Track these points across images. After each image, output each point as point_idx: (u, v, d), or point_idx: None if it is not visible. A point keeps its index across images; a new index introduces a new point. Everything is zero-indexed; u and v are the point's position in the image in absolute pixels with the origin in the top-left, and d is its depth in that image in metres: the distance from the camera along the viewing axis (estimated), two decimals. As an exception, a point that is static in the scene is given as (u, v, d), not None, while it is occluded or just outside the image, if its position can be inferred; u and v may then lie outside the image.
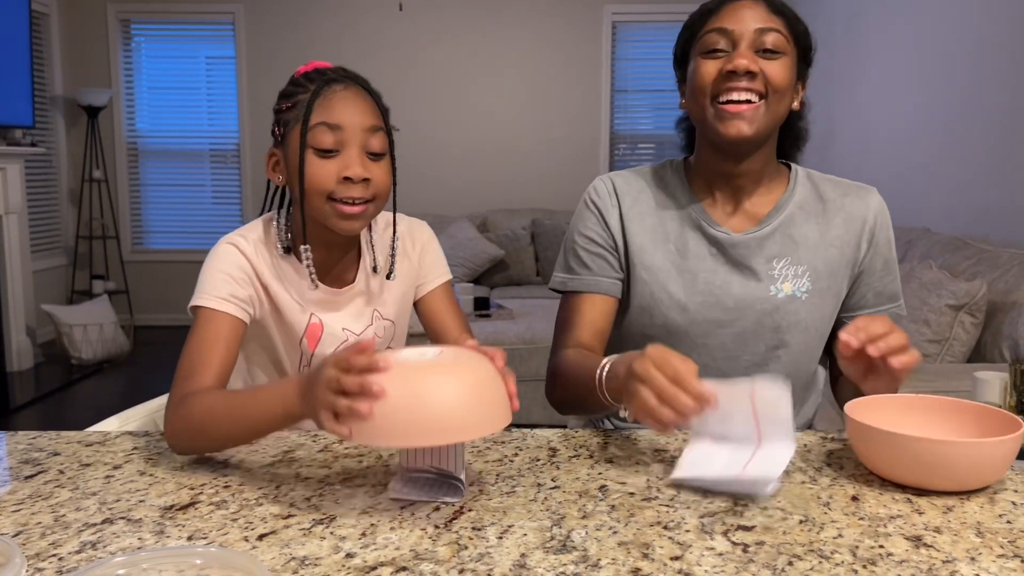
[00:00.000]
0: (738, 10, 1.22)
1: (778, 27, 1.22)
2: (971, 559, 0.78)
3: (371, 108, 1.19)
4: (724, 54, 1.22)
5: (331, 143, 1.15)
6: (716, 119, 1.22)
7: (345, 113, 1.16)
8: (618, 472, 1.01)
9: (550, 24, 6.24)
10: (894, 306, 1.33)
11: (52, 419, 4.13)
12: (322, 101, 1.16)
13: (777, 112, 1.23)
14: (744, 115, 1.20)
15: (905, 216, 3.77)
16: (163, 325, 6.36)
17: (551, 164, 6.31)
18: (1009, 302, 2.49)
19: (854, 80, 4.57)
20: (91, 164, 6.00)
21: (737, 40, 1.21)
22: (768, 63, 1.20)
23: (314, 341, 1.27)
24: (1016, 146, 3.04)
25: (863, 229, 1.31)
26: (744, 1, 1.23)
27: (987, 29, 3.26)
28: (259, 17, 6.21)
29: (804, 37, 1.26)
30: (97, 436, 1.16)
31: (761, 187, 1.31)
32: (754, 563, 0.77)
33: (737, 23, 1.21)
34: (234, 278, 1.18)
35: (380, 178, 1.19)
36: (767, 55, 1.21)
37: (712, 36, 1.23)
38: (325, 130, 1.15)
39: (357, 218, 1.19)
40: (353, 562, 0.77)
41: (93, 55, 6.19)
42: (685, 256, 1.31)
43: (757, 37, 1.21)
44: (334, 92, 1.16)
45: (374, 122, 1.18)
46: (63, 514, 0.89)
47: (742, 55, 1.20)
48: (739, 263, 1.29)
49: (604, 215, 1.35)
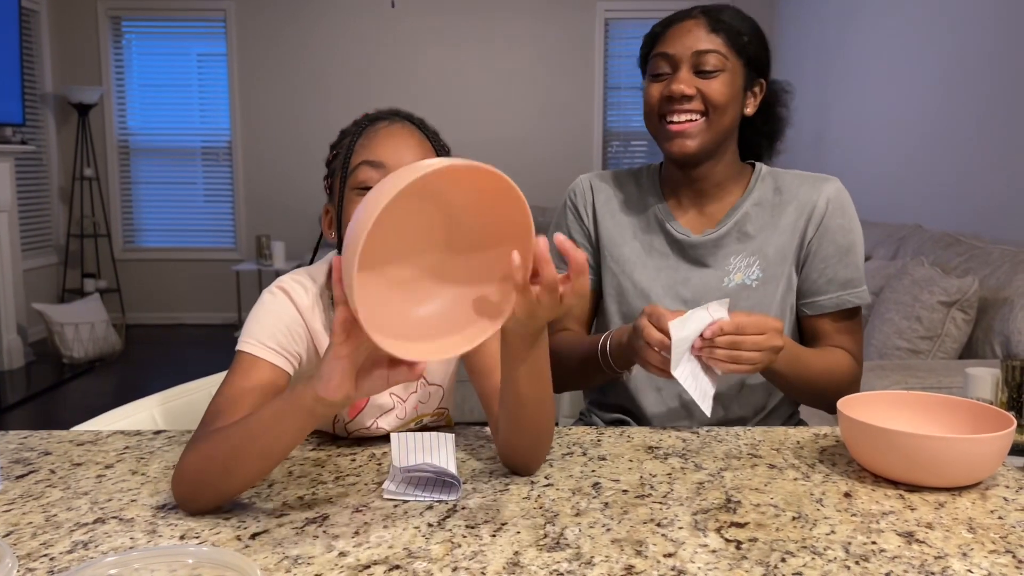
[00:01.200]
0: (679, 33, 1.30)
1: (715, 47, 1.28)
2: (963, 555, 0.78)
3: (419, 143, 1.08)
4: (667, 76, 1.30)
5: (373, 181, 1.04)
6: (663, 138, 1.32)
7: (388, 148, 1.06)
8: (611, 469, 1.01)
9: (543, 21, 6.23)
10: (845, 293, 1.34)
11: (43, 418, 4.11)
12: (364, 140, 1.08)
13: (721, 125, 1.30)
14: (686, 132, 1.28)
15: (897, 213, 3.78)
16: (155, 324, 6.34)
17: (544, 161, 6.31)
18: (1000, 298, 2.50)
19: (847, 78, 4.58)
20: (82, 162, 5.98)
21: (677, 64, 1.29)
22: (706, 82, 1.28)
23: (356, 409, 1.15)
24: (1008, 143, 3.05)
25: (812, 213, 1.34)
26: (686, 23, 1.31)
27: (979, 27, 3.27)
28: (251, 14, 6.19)
29: (748, 47, 1.31)
30: (89, 435, 1.15)
31: (722, 191, 1.38)
32: (747, 560, 0.77)
33: (677, 47, 1.29)
34: (289, 329, 1.06)
35: None
36: (705, 76, 1.28)
37: (656, 61, 1.32)
38: (367, 168, 1.05)
39: None
40: (346, 561, 0.77)
41: (84, 52, 6.16)
42: (650, 253, 1.40)
43: (695, 59, 1.28)
44: (377, 130, 1.08)
45: (420, 157, 1.04)
46: (54, 514, 0.88)
47: (679, 80, 1.28)
48: (697, 261, 1.37)
49: (580, 211, 1.45)
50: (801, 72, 5.26)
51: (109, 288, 6.15)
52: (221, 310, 6.34)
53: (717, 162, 1.35)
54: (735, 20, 1.31)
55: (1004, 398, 1.56)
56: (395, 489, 0.93)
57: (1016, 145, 2.99)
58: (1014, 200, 3.00)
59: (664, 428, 1.20)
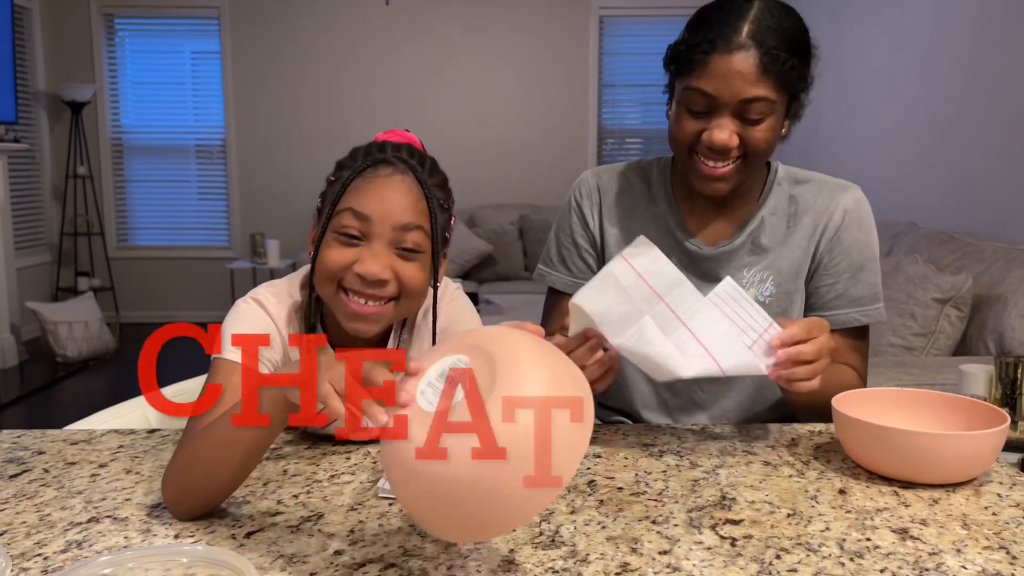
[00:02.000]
0: (724, 71, 1.12)
1: (765, 93, 1.13)
2: (957, 551, 0.78)
3: (414, 203, 1.02)
4: (704, 116, 1.16)
5: (355, 230, 1.00)
6: (692, 172, 1.21)
7: (378, 203, 1.00)
8: (606, 467, 1.01)
9: (537, 18, 6.23)
10: (855, 311, 1.28)
11: (37, 417, 4.10)
12: (360, 184, 1.02)
13: (756, 164, 1.21)
14: (723, 177, 1.19)
15: (891, 210, 3.79)
16: (149, 322, 6.32)
17: (539, 159, 6.30)
18: (994, 295, 2.51)
19: (840, 76, 4.58)
20: (75, 160, 5.95)
21: (718, 108, 1.14)
22: (751, 129, 1.16)
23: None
24: (1002, 141, 3.06)
25: (827, 226, 1.28)
26: (735, 57, 1.12)
27: (973, 26, 3.28)
28: (244, 11, 6.17)
29: (799, 82, 1.18)
30: (82, 434, 1.15)
31: (740, 198, 1.30)
32: (742, 557, 0.77)
33: (722, 89, 1.13)
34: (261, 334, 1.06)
35: (410, 277, 1.02)
36: (749, 123, 1.15)
37: (694, 96, 1.16)
38: (351, 216, 1.00)
39: (368, 319, 1.03)
40: (341, 559, 0.77)
41: (76, 50, 6.14)
42: None
43: (740, 107, 1.14)
44: (376, 177, 1.02)
45: (410, 219, 1.01)
46: (48, 513, 0.88)
47: (722, 127, 1.14)
48: (708, 275, 1.29)
49: (585, 213, 1.38)
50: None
51: (103, 287, 6.13)
52: (215, 308, 6.33)
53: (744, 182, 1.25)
54: (783, 40, 1.14)
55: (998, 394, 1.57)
56: (390, 488, 0.92)
57: (1010, 143, 3.00)
58: (1008, 198, 3.01)
59: (659, 426, 1.20)
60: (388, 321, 1.06)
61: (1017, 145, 2.95)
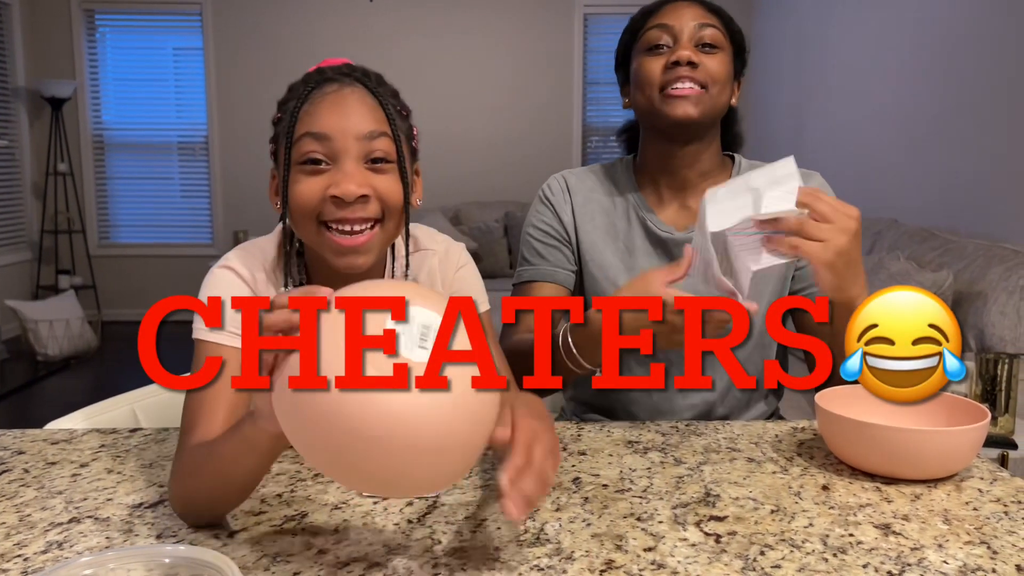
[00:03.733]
0: (677, 8, 1.31)
1: (715, 24, 1.30)
2: (938, 546, 0.79)
3: (371, 111, 0.96)
4: (667, 49, 1.29)
5: (319, 154, 0.94)
6: (663, 104, 1.28)
7: (333, 118, 0.94)
8: (591, 464, 1.02)
9: (522, 16, 6.22)
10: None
11: (17, 417, 4.06)
12: (309, 108, 0.95)
13: (718, 102, 1.29)
14: (690, 98, 1.26)
15: (873, 208, 3.81)
16: (131, 320, 6.26)
17: (523, 157, 6.30)
18: (975, 292, 2.53)
19: (823, 73, 4.61)
20: (56, 157, 5.89)
21: (678, 34, 1.28)
22: (708, 57, 1.28)
23: None
24: (983, 140, 3.09)
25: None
26: (682, 1, 1.31)
27: (954, 23, 3.30)
28: (227, 7, 6.13)
29: (738, 36, 1.33)
30: (63, 434, 1.14)
31: (705, 181, 1.33)
32: (726, 553, 0.77)
33: (677, 20, 1.29)
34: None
35: (387, 190, 0.96)
36: (706, 49, 1.28)
37: (654, 32, 1.30)
38: (310, 141, 0.94)
39: (359, 251, 0.96)
40: (326, 559, 0.77)
41: (56, 46, 6.07)
42: (632, 254, 1.35)
43: (696, 32, 1.28)
44: (324, 96, 0.95)
45: (372, 127, 0.95)
46: (28, 514, 0.87)
47: (684, 47, 1.27)
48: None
49: (558, 210, 1.40)
50: (779, 66, 5.29)
51: (84, 284, 6.07)
52: (198, 306, 6.28)
53: (706, 147, 1.33)
54: (725, 11, 1.33)
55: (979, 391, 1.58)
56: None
57: (992, 142, 3.03)
58: (988, 195, 3.04)
59: (644, 423, 1.20)
60: (379, 248, 0.99)
61: (998, 143, 2.97)
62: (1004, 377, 1.57)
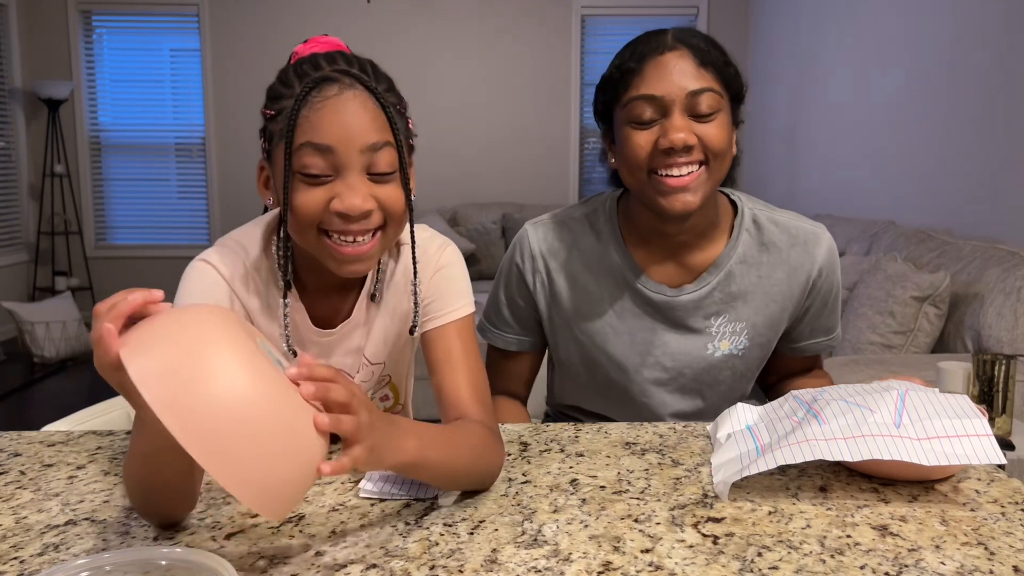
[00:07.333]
0: (663, 68, 1.10)
1: (710, 84, 1.10)
2: (936, 547, 0.79)
3: (373, 118, 0.92)
4: (655, 123, 1.12)
5: (321, 168, 0.90)
6: (657, 193, 1.13)
7: (336, 129, 0.89)
8: (589, 466, 1.02)
9: (519, 17, 6.22)
10: (826, 339, 1.34)
11: (13, 419, 4.05)
12: (309, 113, 0.89)
13: (720, 172, 1.15)
14: (688, 187, 1.11)
15: (871, 209, 3.82)
16: (128, 322, 6.25)
17: (521, 158, 6.30)
18: (972, 293, 2.54)
19: (821, 74, 4.61)
20: (52, 158, 5.88)
21: (668, 108, 1.10)
22: (704, 127, 1.11)
23: None
24: (979, 141, 3.09)
25: (807, 283, 1.26)
26: (667, 56, 1.11)
27: (953, 24, 3.31)
28: (224, 8, 6.12)
29: (735, 81, 1.15)
30: (60, 436, 1.14)
31: (703, 239, 1.23)
32: (724, 554, 0.77)
33: (665, 86, 1.10)
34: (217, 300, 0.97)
35: (391, 200, 0.94)
36: (703, 119, 1.11)
37: (639, 105, 1.11)
38: (312, 152, 0.89)
39: (360, 260, 0.94)
40: (323, 560, 0.77)
41: (53, 47, 6.06)
42: (622, 317, 1.26)
43: (689, 101, 1.10)
44: (325, 100, 0.90)
45: (376, 138, 0.91)
46: (25, 516, 0.87)
47: (676, 127, 1.09)
48: (677, 323, 1.25)
49: (527, 280, 1.30)
50: (775, 70, 5.29)
51: (81, 286, 6.07)
52: (196, 308, 6.28)
53: (705, 212, 1.19)
54: (712, 46, 1.13)
55: (975, 391, 1.58)
56: (372, 488, 0.92)
57: (988, 143, 3.03)
58: (985, 197, 3.04)
59: (641, 424, 1.20)
60: (380, 253, 0.98)
61: (995, 145, 2.98)
62: (1001, 378, 1.57)
